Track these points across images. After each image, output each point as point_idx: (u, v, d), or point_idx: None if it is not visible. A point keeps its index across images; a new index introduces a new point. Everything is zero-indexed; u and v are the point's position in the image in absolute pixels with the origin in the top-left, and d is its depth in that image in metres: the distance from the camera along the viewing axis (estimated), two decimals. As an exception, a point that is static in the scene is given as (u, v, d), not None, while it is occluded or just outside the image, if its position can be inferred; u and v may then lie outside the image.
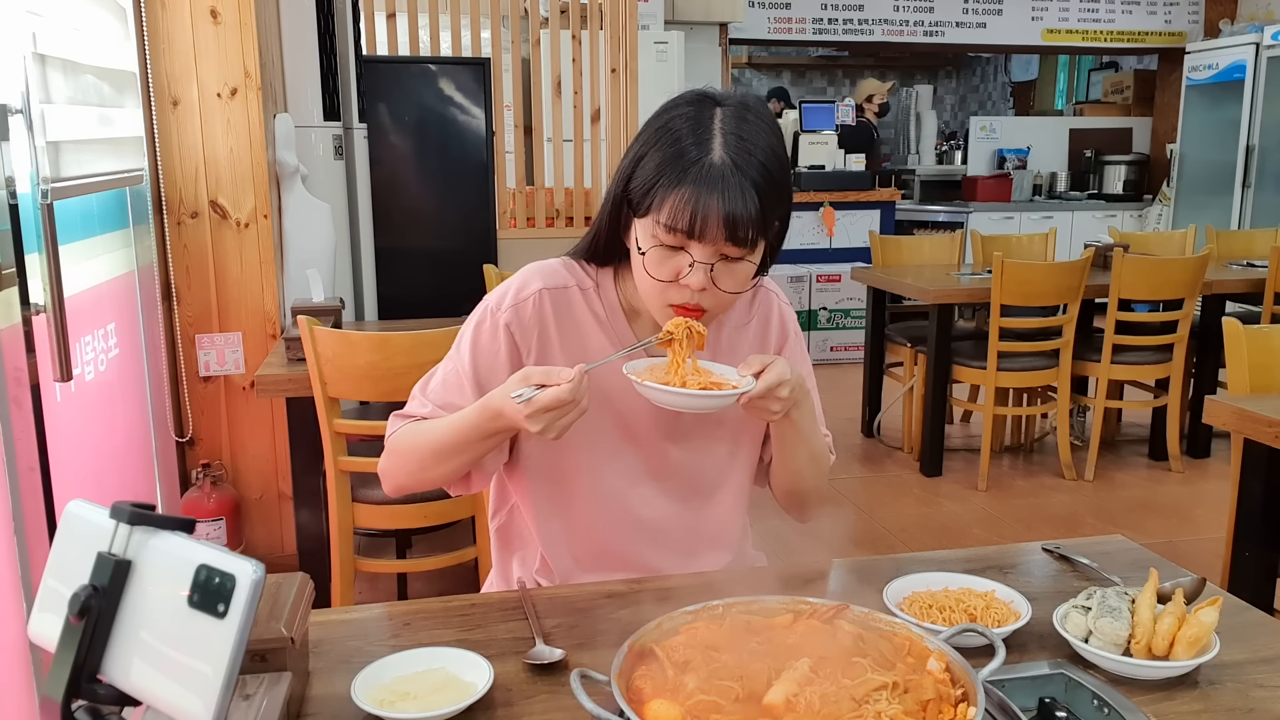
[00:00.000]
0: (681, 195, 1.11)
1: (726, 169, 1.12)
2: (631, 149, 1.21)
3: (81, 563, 0.73)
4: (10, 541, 1.79)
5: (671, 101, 1.20)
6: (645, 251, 1.17)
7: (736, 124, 1.15)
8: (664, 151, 1.14)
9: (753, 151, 1.13)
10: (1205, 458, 4.45)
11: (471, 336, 1.30)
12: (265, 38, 3.06)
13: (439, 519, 2.44)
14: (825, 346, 6.42)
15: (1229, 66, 6.58)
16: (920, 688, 0.87)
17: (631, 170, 1.19)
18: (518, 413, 1.11)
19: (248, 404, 3.14)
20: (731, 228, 1.11)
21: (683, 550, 1.37)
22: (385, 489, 1.36)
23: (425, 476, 1.29)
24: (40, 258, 1.93)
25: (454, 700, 0.96)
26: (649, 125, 1.20)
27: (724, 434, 1.36)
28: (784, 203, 1.18)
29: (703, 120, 1.15)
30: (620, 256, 1.29)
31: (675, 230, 1.13)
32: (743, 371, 1.18)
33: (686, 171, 1.12)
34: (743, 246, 1.14)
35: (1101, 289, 4.01)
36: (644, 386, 1.14)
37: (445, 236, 3.96)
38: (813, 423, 1.32)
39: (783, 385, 1.17)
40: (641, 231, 1.18)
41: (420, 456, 1.27)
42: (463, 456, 1.24)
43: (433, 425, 1.26)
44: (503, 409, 1.14)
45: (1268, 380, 2.15)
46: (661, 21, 5.88)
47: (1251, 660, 1.07)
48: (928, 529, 3.73)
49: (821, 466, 1.37)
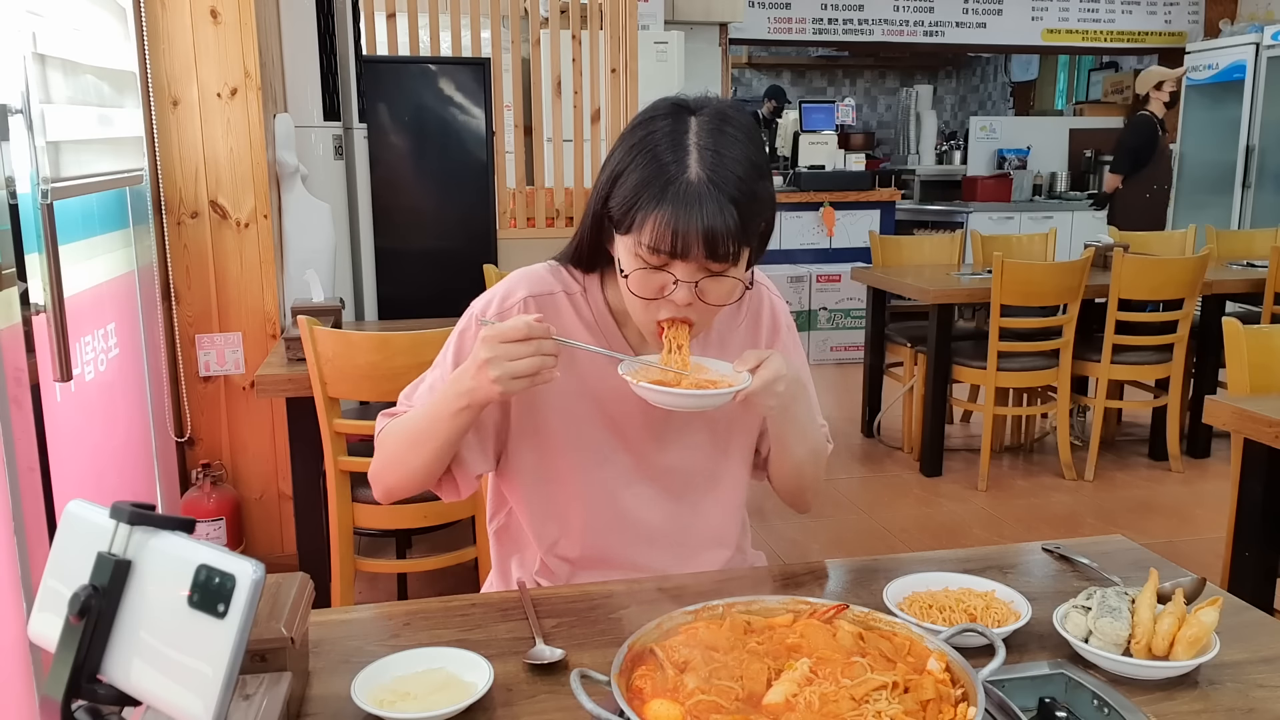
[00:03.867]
0: (661, 216, 1.10)
1: (704, 186, 1.10)
2: (608, 165, 1.20)
3: (81, 563, 0.73)
4: (10, 541, 1.79)
5: (646, 114, 1.19)
6: (628, 274, 1.16)
7: (712, 138, 1.13)
8: (641, 171, 1.13)
9: (729, 166, 1.12)
10: (1205, 458, 4.45)
11: (456, 343, 1.30)
12: (265, 38, 3.06)
13: (439, 519, 2.44)
14: (825, 346, 6.42)
15: (1229, 66, 6.59)
16: (920, 688, 0.87)
17: (610, 188, 1.17)
18: (478, 343, 1.12)
19: (248, 404, 3.14)
20: (712, 246, 1.10)
21: (680, 549, 1.37)
22: (377, 494, 1.35)
23: (408, 470, 1.27)
24: (40, 258, 1.93)
25: (454, 700, 0.96)
26: (624, 140, 1.18)
27: (717, 432, 1.36)
28: (764, 211, 1.17)
29: (678, 134, 1.14)
30: (605, 263, 1.29)
31: (658, 251, 1.12)
32: (738, 367, 1.17)
33: (665, 191, 1.11)
34: (724, 262, 1.13)
35: (1101, 289, 4.01)
36: (640, 387, 1.14)
37: (445, 236, 3.96)
38: (810, 417, 1.32)
39: (778, 380, 1.17)
40: (623, 250, 1.17)
41: (400, 448, 1.27)
42: (436, 440, 1.22)
43: (412, 414, 1.28)
44: (466, 369, 1.15)
45: (1268, 380, 2.15)
46: (661, 21, 5.88)
47: (1251, 660, 1.07)
48: (928, 529, 3.73)
49: (820, 459, 1.37)
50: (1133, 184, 5.57)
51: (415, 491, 1.32)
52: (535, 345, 1.11)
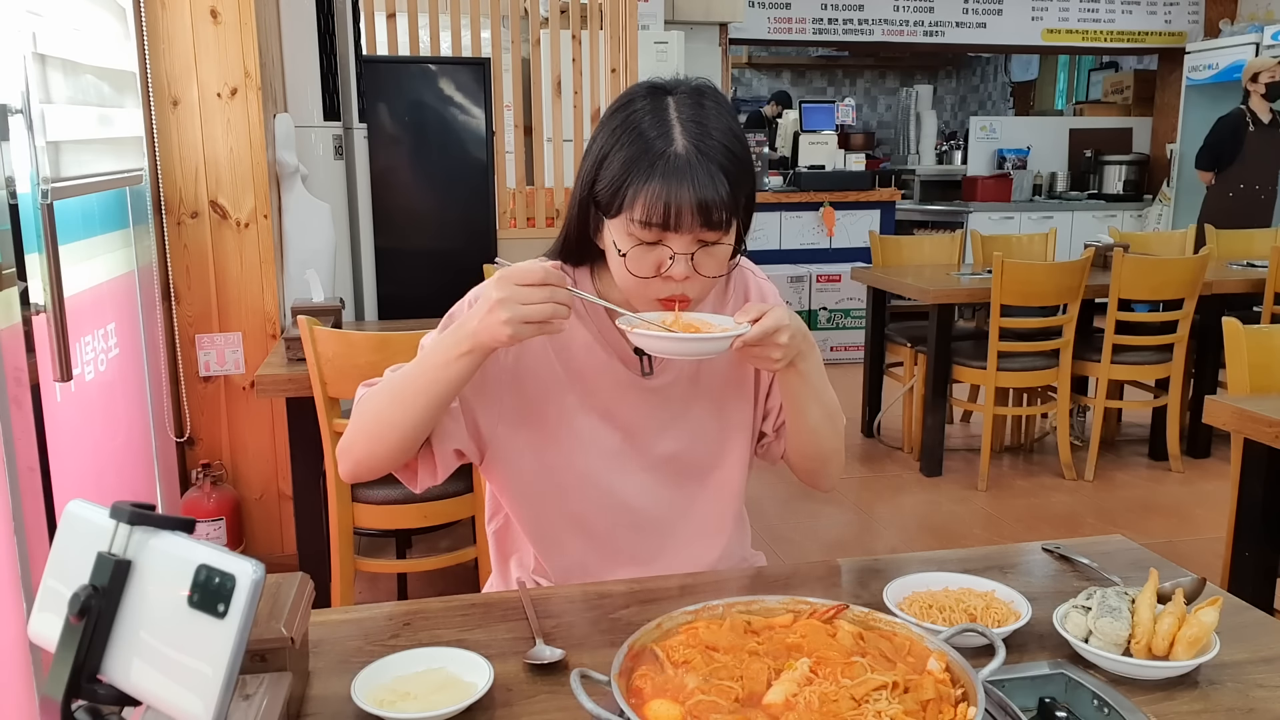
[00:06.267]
0: (652, 190, 1.12)
1: (692, 156, 1.13)
2: (591, 150, 1.21)
3: (81, 563, 0.72)
4: (10, 541, 1.79)
5: (624, 98, 1.21)
6: (625, 253, 1.17)
7: (693, 111, 1.16)
8: (627, 149, 1.15)
9: (714, 136, 1.15)
10: (1205, 458, 4.45)
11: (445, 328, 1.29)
12: (265, 38, 3.06)
13: (439, 519, 2.43)
14: (825, 346, 6.42)
15: (1229, 66, 6.58)
16: (920, 688, 0.87)
17: (595, 172, 1.18)
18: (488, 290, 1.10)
19: (248, 404, 3.14)
20: (705, 214, 1.13)
21: (678, 537, 1.37)
22: (342, 470, 1.28)
23: (385, 432, 1.21)
24: (40, 258, 1.93)
25: (454, 700, 0.96)
26: (605, 124, 1.20)
27: (715, 416, 1.35)
28: (749, 179, 1.19)
29: (659, 111, 1.16)
30: (594, 256, 1.29)
31: (651, 225, 1.13)
32: (739, 319, 1.17)
33: (654, 165, 1.12)
34: (718, 230, 1.15)
35: (1101, 289, 4.01)
36: (636, 334, 1.14)
37: (445, 236, 3.96)
38: (822, 375, 1.29)
39: (781, 331, 1.16)
40: (616, 232, 1.18)
41: (382, 405, 1.21)
42: (430, 394, 1.17)
43: (401, 370, 1.23)
44: (475, 311, 1.12)
45: (1268, 380, 2.15)
46: (661, 21, 5.88)
47: (1251, 660, 1.07)
48: (928, 529, 3.73)
49: (838, 425, 1.34)
50: (1221, 181, 5.55)
51: (385, 468, 1.25)
52: (550, 291, 1.10)
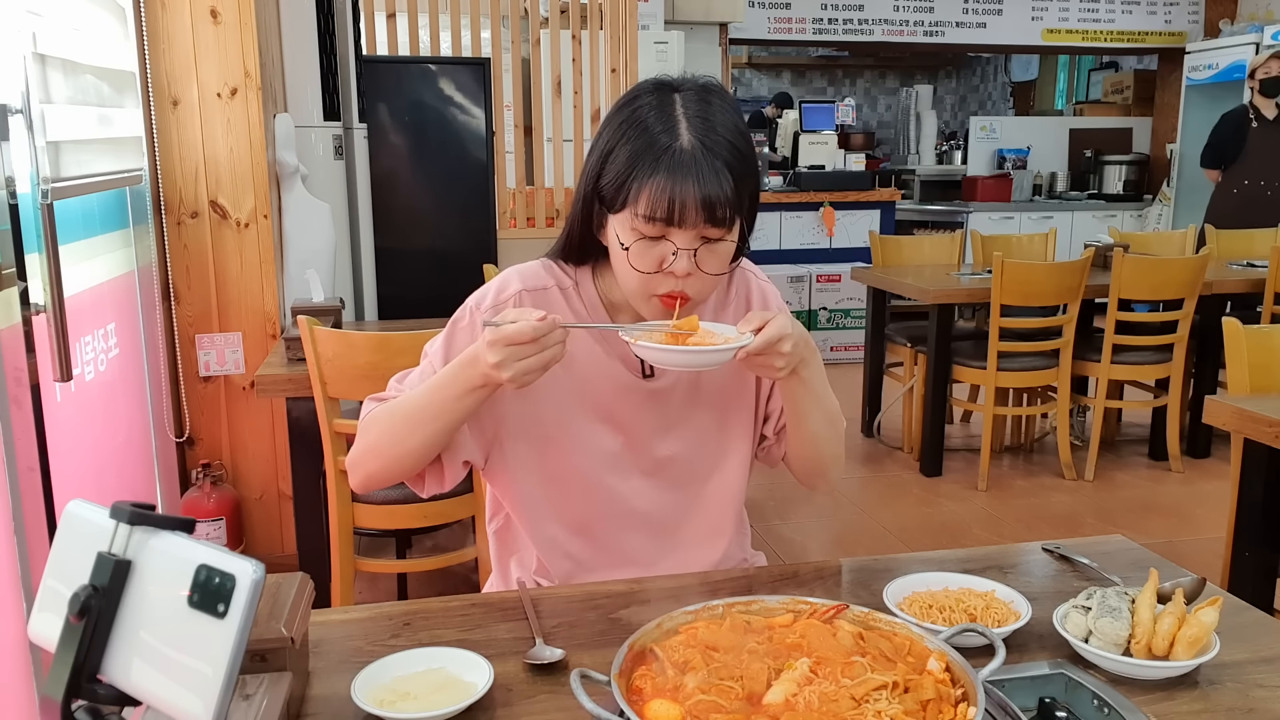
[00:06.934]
0: (657, 184, 1.13)
1: (697, 152, 1.13)
2: (596, 145, 1.21)
3: (81, 563, 0.72)
4: (10, 541, 1.79)
5: (631, 93, 1.21)
6: (629, 246, 1.17)
7: (699, 106, 1.17)
8: (633, 144, 1.15)
9: (719, 131, 1.15)
10: (1205, 458, 4.45)
11: (449, 334, 1.30)
12: (265, 38, 3.06)
13: (439, 519, 2.44)
14: (825, 346, 6.42)
15: (1229, 66, 6.58)
16: (920, 688, 0.87)
17: (601, 166, 1.19)
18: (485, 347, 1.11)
19: (248, 404, 3.14)
20: (710, 209, 1.13)
21: (679, 540, 1.37)
22: (353, 481, 1.30)
23: (397, 453, 1.23)
24: (40, 258, 1.93)
25: (454, 700, 0.96)
26: (611, 120, 1.20)
27: (716, 420, 1.35)
28: (754, 177, 1.20)
29: (665, 107, 1.17)
30: (596, 255, 1.29)
31: (655, 220, 1.14)
32: (741, 328, 1.17)
33: (659, 160, 1.13)
34: (722, 226, 1.15)
35: (1101, 289, 4.01)
36: (638, 347, 1.14)
37: (445, 236, 3.96)
38: (823, 380, 1.30)
39: (784, 340, 1.16)
40: (620, 227, 1.18)
41: (394, 427, 1.23)
42: (441, 421, 1.19)
43: (410, 394, 1.24)
44: (477, 352, 1.13)
45: (1268, 380, 2.15)
46: (661, 21, 5.88)
47: (1251, 660, 1.07)
48: (928, 529, 3.73)
49: (838, 429, 1.35)
50: (1226, 178, 5.53)
51: (396, 480, 1.28)
52: (544, 343, 1.11)
